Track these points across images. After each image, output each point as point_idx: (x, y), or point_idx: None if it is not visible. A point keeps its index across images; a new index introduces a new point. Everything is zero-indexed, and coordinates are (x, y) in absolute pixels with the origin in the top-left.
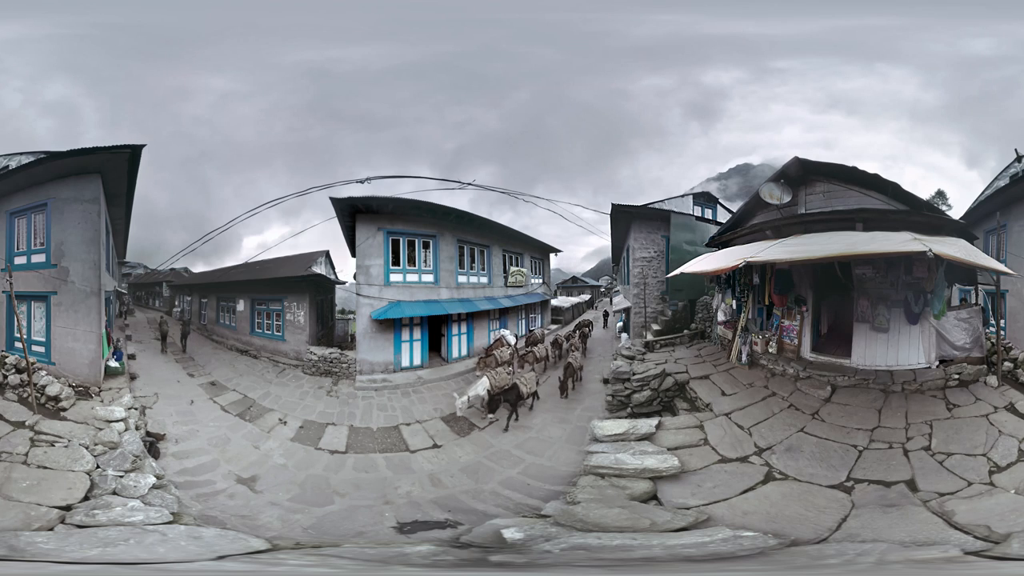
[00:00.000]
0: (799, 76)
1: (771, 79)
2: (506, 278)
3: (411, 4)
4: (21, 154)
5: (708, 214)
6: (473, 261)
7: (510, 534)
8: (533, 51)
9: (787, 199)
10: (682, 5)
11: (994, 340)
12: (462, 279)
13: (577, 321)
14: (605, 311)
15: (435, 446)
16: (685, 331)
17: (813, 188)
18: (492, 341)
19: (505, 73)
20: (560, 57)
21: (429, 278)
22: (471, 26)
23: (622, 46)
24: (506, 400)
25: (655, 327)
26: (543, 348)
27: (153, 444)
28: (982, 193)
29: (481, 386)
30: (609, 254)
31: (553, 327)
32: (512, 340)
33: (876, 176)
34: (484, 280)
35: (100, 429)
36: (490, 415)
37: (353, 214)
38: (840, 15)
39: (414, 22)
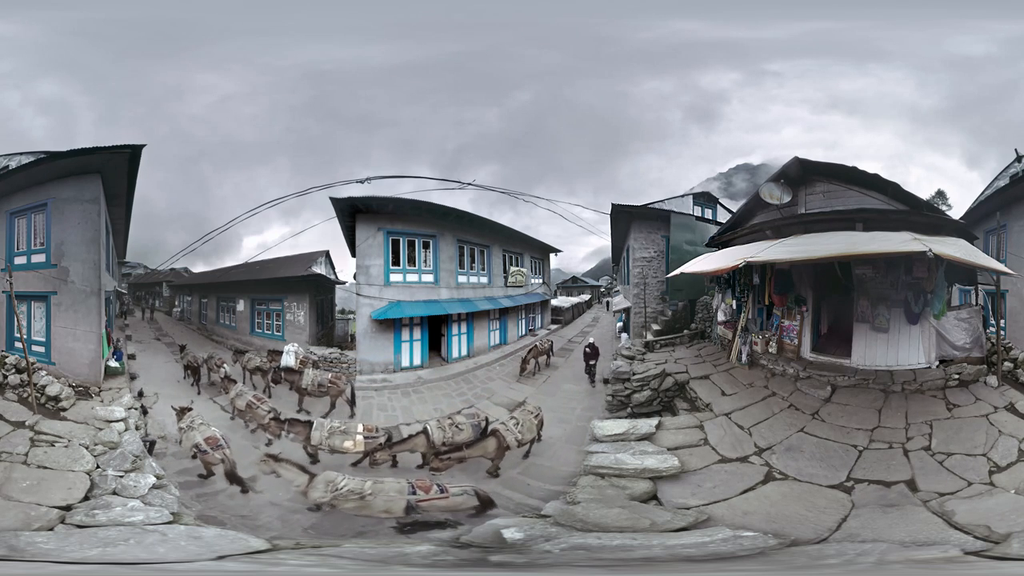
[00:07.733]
0: (796, 79)
1: (767, 81)
2: (506, 278)
3: (422, 7)
4: (21, 154)
5: (708, 214)
6: (473, 261)
7: (510, 534)
8: (539, 54)
9: (787, 199)
10: (677, 11)
11: (994, 340)
12: (462, 279)
13: (527, 351)
14: (591, 343)
15: None
16: (685, 331)
17: (813, 188)
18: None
19: (509, 74)
20: (564, 60)
21: (429, 278)
22: (479, 29)
23: (623, 51)
24: None
25: (655, 327)
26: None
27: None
28: (982, 193)
29: None
30: (609, 254)
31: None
32: (292, 360)
33: (876, 176)
34: (484, 280)
35: (100, 429)
36: None
37: (353, 214)
38: (821, 18)
39: (422, 23)
